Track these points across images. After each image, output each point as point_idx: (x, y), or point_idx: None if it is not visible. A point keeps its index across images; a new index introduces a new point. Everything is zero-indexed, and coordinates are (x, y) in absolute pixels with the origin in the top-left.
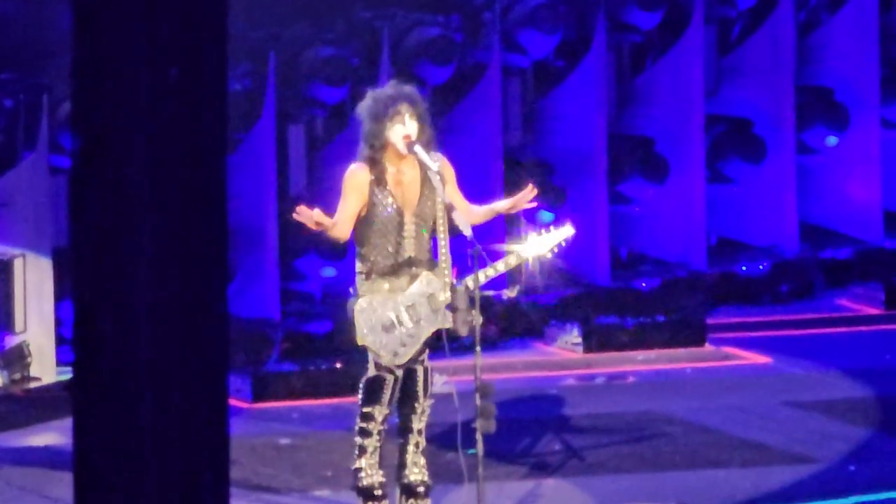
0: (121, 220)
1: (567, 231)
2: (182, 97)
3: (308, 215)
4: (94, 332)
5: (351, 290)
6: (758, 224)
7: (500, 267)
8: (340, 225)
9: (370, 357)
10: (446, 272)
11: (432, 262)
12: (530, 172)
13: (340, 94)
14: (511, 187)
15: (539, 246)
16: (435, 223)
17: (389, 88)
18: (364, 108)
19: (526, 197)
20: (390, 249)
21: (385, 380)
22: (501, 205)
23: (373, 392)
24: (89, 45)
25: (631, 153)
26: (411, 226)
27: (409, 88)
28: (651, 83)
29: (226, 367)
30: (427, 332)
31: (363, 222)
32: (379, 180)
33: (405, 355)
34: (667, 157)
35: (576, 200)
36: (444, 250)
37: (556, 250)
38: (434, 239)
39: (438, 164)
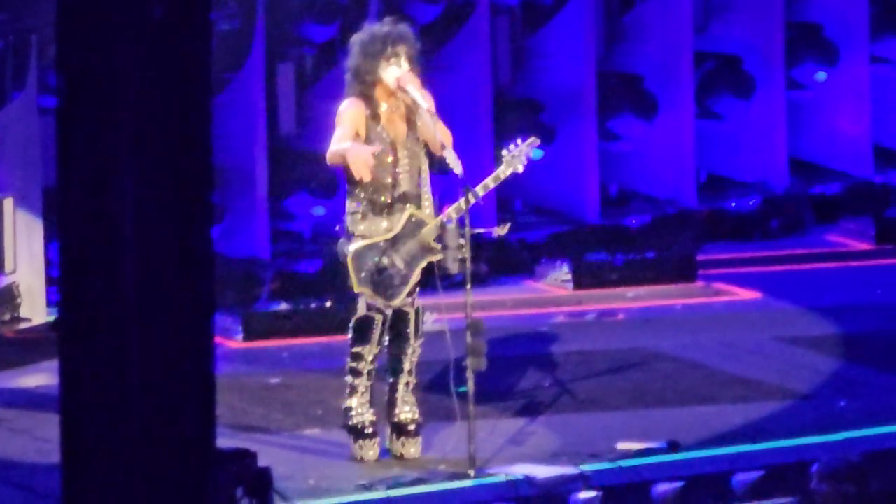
0: (106, 160)
1: (532, 141)
2: (166, 36)
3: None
4: (80, 270)
5: (338, 227)
6: (747, 160)
7: (480, 191)
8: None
9: (360, 297)
10: (427, 206)
11: (418, 196)
12: (519, 111)
13: (329, 32)
14: (500, 126)
15: (510, 163)
16: (420, 159)
17: (387, 26)
18: (359, 42)
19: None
20: (385, 186)
21: (374, 319)
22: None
23: (362, 332)
24: None
25: (620, 90)
26: (405, 160)
27: (406, 28)
28: (640, 20)
29: (212, 305)
30: (418, 268)
31: None
32: (373, 115)
33: (399, 296)
34: (656, 94)
35: (565, 138)
36: (426, 186)
37: (525, 162)
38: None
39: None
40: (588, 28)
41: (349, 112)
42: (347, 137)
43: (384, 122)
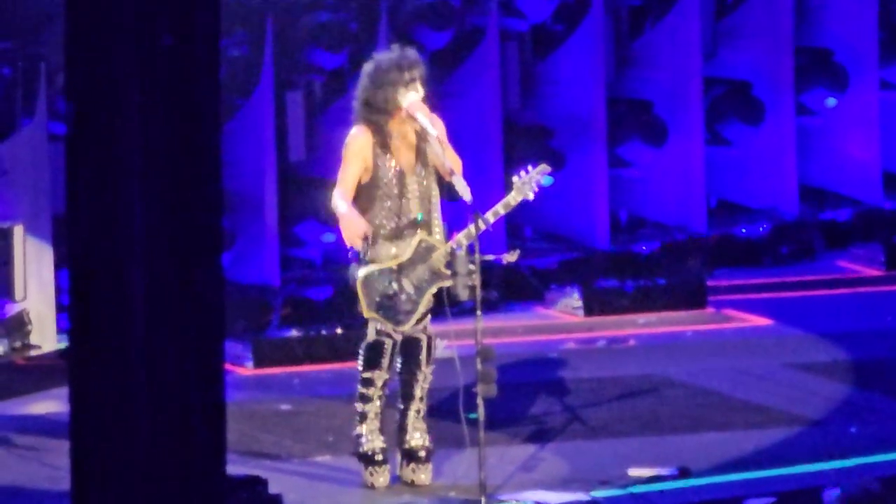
0: (115, 187)
1: (543, 168)
2: (175, 63)
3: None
4: (90, 298)
5: (350, 254)
6: (757, 186)
7: (490, 218)
8: (347, 193)
9: (371, 323)
10: (437, 232)
11: (429, 222)
12: (529, 137)
13: (339, 59)
14: (510, 152)
15: (521, 189)
16: (430, 185)
17: (396, 53)
18: (372, 72)
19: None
20: (395, 211)
21: (384, 345)
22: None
23: (372, 357)
24: (83, 12)
25: (630, 116)
26: (414, 186)
27: (415, 53)
28: (649, 46)
29: (221, 332)
30: (427, 294)
31: (367, 186)
32: (381, 143)
33: (409, 321)
34: (666, 120)
35: (575, 164)
36: (436, 212)
37: (536, 189)
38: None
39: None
40: (597, 54)
41: (356, 143)
42: (352, 179)
43: (393, 149)
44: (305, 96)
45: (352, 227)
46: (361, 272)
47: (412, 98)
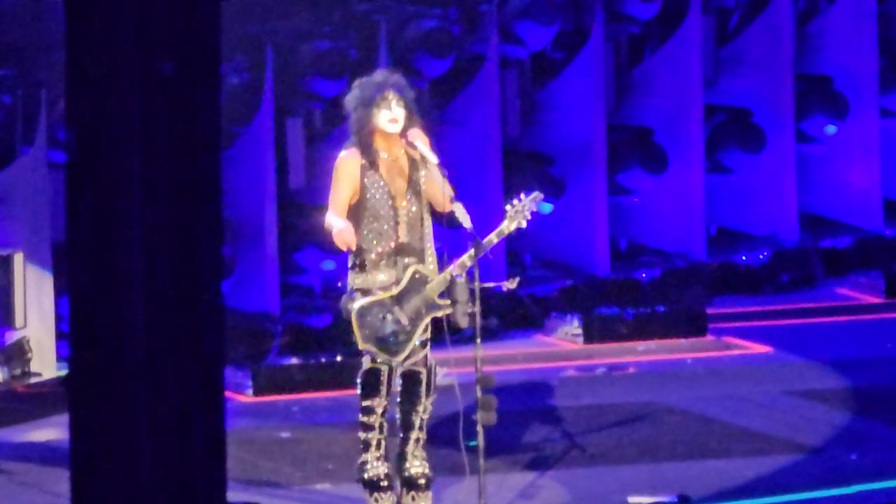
0: (115, 214)
1: (536, 196)
2: (175, 91)
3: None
4: (90, 325)
5: (339, 284)
6: (758, 213)
7: (485, 246)
8: (340, 216)
9: (366, 354)
10: (431, 261)
11: (422, 251)
12: (529, 164)
13: (338, 87)
14: (510, 179)
15: (514, 218)
16: (421, 213)
17: (377, 76)
18: (351, 97)
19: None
20: (383, 235)
21: (381, 371)
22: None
23: (370, 385)
24: (83, 40)
25: (630, 144)
26: (403, 211)
27: (395, 76)
28: (649, 74)
29: (221, 359)
30: (422, 324)
31: (355, 209)
32: (370, 165)
33: (403, 352)
34: (666, 148)
35: (575, 191)
36: (429, 241)
37: (529, 217)
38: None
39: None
40: (597, 81)
41: (343, 165)
42: (343, 201)
43: (383, 171)
44: (305, 124)
45: (341, 237)
46: (357, 304)
47: (385, 117)
